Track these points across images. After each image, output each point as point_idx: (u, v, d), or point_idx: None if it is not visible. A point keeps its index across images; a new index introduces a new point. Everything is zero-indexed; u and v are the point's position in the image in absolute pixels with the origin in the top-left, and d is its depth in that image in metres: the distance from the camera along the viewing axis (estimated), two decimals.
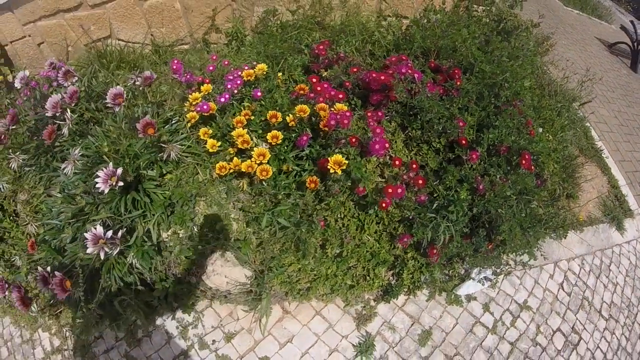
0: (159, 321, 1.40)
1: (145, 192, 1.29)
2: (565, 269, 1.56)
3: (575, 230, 1.56)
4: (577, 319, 1.48)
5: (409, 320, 1.37)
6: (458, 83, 1.51)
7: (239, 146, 1.27)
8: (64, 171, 1.22)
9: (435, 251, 1.33)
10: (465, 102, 1.46)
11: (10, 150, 1.65)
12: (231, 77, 1.56)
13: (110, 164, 1.10)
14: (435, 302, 1.42)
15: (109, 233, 1.12)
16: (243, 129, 1.30)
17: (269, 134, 1.28)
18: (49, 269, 1.16)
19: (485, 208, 1.35)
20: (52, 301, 1.57)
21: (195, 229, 1.39)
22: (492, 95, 1.48)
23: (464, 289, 1.44)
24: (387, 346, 1.32)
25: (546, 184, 1.47)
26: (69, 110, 1.30)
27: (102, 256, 1.10)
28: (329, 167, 1.18)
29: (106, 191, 1.10)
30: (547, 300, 1.49)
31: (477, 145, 1.41)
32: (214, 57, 1.62)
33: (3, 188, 1.53)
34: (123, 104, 1.28)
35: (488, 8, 1.74)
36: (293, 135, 1.36)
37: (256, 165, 1.23)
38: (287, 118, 1.32)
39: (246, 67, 1.55)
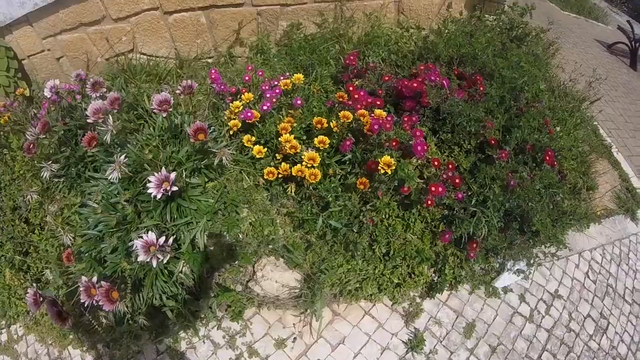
0: (203, 332, 1.44)
1: (189, 200, 1.36)
2: (589, 259, 1.73)
3: (594, 222, 1.75)
4: (604, 305, 1.65)
5: (453, 314, 1.49)
6: (481, 88, 1.69)
7: (288, 152, 1.37)
8: (110, 178, 1.26)
9: (475, 245, 1.47)
10: (490, 105, 1.63)
11: (36, 161, 1.69)
12: (266, 87, 1.67)
13: (163, 168, 1.16)
14: (475, 296, 1.55)
15: (162, 240, 1.13)
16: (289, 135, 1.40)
17: (316, 139, 1.40)
18: (95, 278, 1.13)
19: (517, 202, 1.50)
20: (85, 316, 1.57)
21: (241, 236, 1.46)
22: (512, 99, 1.67)
23: (501, 282, 1.58)
24: (435, 340, 1.42)
25: (566, 178, 1.66)
26: (111, 117, 1.35)
27: (154, 264, 1.13)
28: (379, 167, 1.30)
29: (159, 196, 1.14)
30: (575, 289, 1.65)
31: (505, 144, 1.58)
32: (250, 68, 1.73)
33: (31, 199, 1.55)
34: (170, 110, 1.35)
35: (499, 17, 1.96)
36: (334, 140, 1.47)
37: (306, 169, 1.33)
38: (331, 124, 1.44)
39: (282, 77, 1.67)
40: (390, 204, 1.44)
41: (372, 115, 1.49)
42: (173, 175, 1.18)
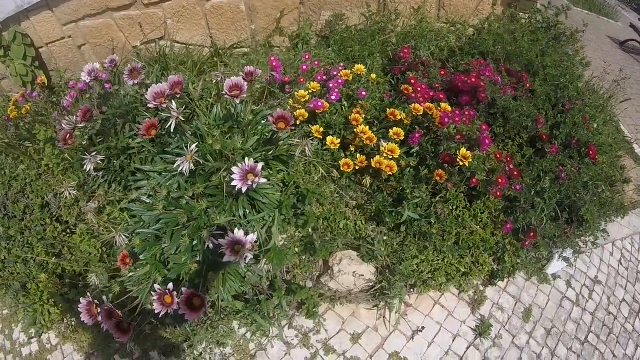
0: (274, 332, 1.47)
1: (261, 194, 1.38)
2: (621, 247, 2.00)
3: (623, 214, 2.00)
4: (635, 290, 1.91)
5: (513, 300, 1.66)
6: (527, 85, 1.87)
7: (365, 143, 1.44)
8: (180, 169, 1.22)
9: (532, 234, 1.64)
10: (538, 102, 1.81)
11: (68, 154, 1.62)
12: (322, 77, 1.73)
13: (250, 159, 1.15)
14: (530, 283, 1.73)
15: (251, 237, 1.06)
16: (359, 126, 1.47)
17: (391, 130, 1.49)
18: (170, 285, 1.05)
19: (566, 194, 1.69)
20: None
21: (310, 230, 1.51)
22: (557, 96, 1.86)
23: (551, 269, 1.78)
24: (499, 325, 1.58)
25: (604, 171, 1.89)
26: (174, 102, 1.26)
27: (242, 265, 1.10)
28: (458, 160, 1.41)
29: (244, 189, 1.11)
30: (611, 275, 1.89)
31: (554, 139, 1.77)
32: (307, 57, 1.77)
33: (68, 195, 1.48)
34: (243, 96, 1.31)
35: (533, 15, 2.16)
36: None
37: (385, 160, 1.41)
38: (402, 116, 1.54)
39: (341, 67, 1.73)
40: (458, 196, 1.56)
41: (438, 109, 1.60)
42: (260, 166, 1.16)
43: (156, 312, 1.03)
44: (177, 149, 1.46)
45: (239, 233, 1.07)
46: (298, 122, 1.56)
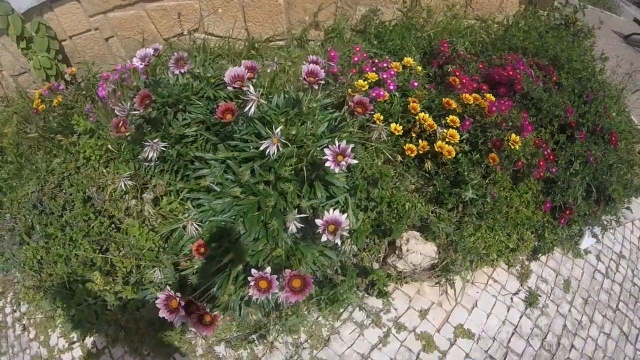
0: (345, 315, 1.64)
1: (334, 177, 1.55)
2: (639, 226, 2.32)
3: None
4: None
5: (553, 273, 1.93)
6: (554, 78, 2.16)
7: (426, 129, 1.66)
8: (269, 152, 1.30)
9: (568, 212, 1.91)
10: (565, 93, 2.10)
11: (114, 143, 1.71)
12: (369, 68, 1.93)
13: (344, 141, 1.29)
14: (566, 257, 2.01)
15: (343, 217, 1.14)
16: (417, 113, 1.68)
17: (448, 118, 1.71)
18: (268, 269, 1.07)
19: (594, 175, 1.99)
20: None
21: (375, 213, 1.71)
22: (581, 87, 2.17)
23: (583, 244, 2.07)
24: (544, 296, 1.84)
25: (623, 156, 2.20)
26: (251, 85, 1.29)
27: (339, 242, 1.21)
28: (509, 144, 1.66)
29: (337, 170, 1.25)
30: (633, 250, 2.22)
31: (581, 127, 2.06)
32: (358, 49, 1.97)
33: (125, 186, 1.56)
34: (320, 82, 1.42)
35: (552, 13, 2.47)
36: None
37: (446, 145, 1.63)
38: (455, 105, 1.77)
39: (389, 60, 1.94)
40: (505, 178, 1.81)
41: (483, 99, 1.84)
42: (350, 147, 1.29)
43: (253, 298, 1.07)
44: (246, 135, 1.58)
45: (335, 213, 1.20)
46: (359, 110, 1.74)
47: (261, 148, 1.27)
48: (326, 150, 1.25)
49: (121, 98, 1.86)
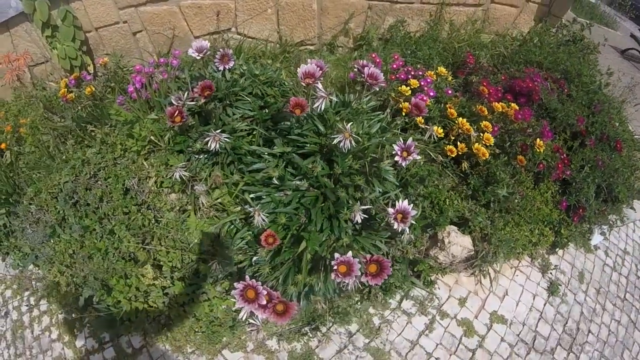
0: (393, 305, 1.89)
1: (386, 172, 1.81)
2: None
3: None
4: None
5: (569, 266, 2.27)
6: (566, 91, 2.54)
7: (464, 132, 1.96)
8: (341, 145, 1.40)
9: (581, 211, 2.26)
10: (576, 104, 2.48)
11: (157, 134, 1.82)
12: (404, 75, 2.23)
13: (410, 139, 1.57)
14: (579, 252, 2.36)
15: (409, 207, 1.39)
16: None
17: (481, 123, 2.02)
18: (350, 253, 1.22)
19: (602, 178, 2.35)
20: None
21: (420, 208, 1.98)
22: (589, 99, 2.55)
23: (593, 241, 2.42)
24: (563, 286, 2.17)
25: (626, 161, 2.60)
26: (320, 83, 1.45)
27: (407, 231, 1.49)
28: (536, 148, 1.99)
29: (404, 164, 1.53)
30: (636, 247, 2.60)
31: (590, 134, 2.43)
32: (396, 57, 2.27)
33: (181, 177, 1.66)
34: (381, 84, 1.66)
35: (561, 30, 2.88)
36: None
37: (482, 147, 1.94)
38: (486, 112, 2.09)
39: (424, 69, 2.25)
40: (528, 178, 2.14)
41: (509, 107, 2.18)
42: (414, 144, 1.52)
43: (337, 282, 1.22)
44: (306, 131, 1.80)
45: (404, 203, 1.47)
46: (404, 113, 2.03)
47: (335, 142, 1.43)
48: (395, 147, 1.50)
49: (161, 90, 2.04)
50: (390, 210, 1.41)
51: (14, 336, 2.19)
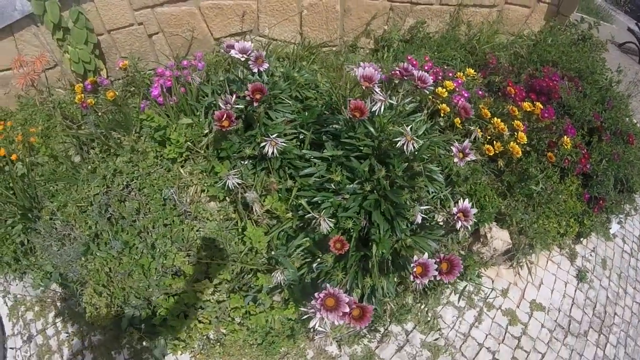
0: (443, 300, 2.08)
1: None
2: None
3: None
4: None
5: (593, 253, 2.55)
6: (580, 88, 2.82)
7: (499, 131, 2.17)
8: (406, 148, 1.52)
9: (602, 202, 2.53)
10: (591, 101, 2.76)
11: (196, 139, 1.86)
12: (434, 77, 2.42)
13: (466, 141, 1.76)
14: (600, 241, 2.65)
15: (468, 205, 1.69)
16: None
17: (514, 122, 2.24)
18: (426, 255, 1.40)
19: (618, 170, 2.64)
20: None
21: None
22: (601, 96, 2.84)
23: (612, 230, 2.71)
24: (589, 273, 2.44)
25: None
26: (376, 87, 1.61)
27: (468, 226, 1.69)
28: (563, 143, 2.23)
29: (462, 164, 1.73)
30: None
31: (606, 130, 2.72)
32: (427, 58, 2.45)
33: (234, 186, 1.69)
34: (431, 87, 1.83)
35: (569, 29, 3.16)
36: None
37: (516, 146, 2.16)
38: (517, 112, 2.31)
39: (453, 70, 2.45)
40: (555, 173, 2.38)
41: (533, 106, 2.42)
42: (470, 146, 1.70)
43: (417, 282, 1.37)
44: (359, 134, 1.92)
45: (465, 203, 1.65)
46: (442, 115, 2.22)
47: (398, 145, 1.56)
48: (453, 148, 1.67)
49: (192, 93, 2.09)
50: (454, 209, 1.59)
51: None
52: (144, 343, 1.99)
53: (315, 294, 1.22)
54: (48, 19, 2.34)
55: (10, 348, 2.28)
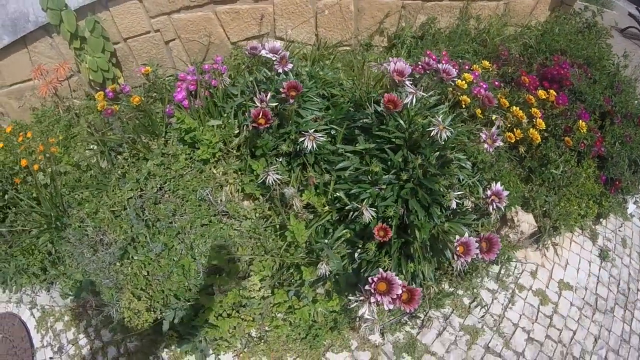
0: (475, 282, 2.21)
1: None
2: None
3: None
4: None
5: (613, 233, 2.72)
6: (589, 75, 2.98)
7: (519, 119, 2.32)
8: (439, 136, 1.83)
9: (618, 183, 2.69)
10: (601, 87, 2.92)
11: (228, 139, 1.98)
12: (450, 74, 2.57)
13: (494, 127, 1.91)
14: (618, 221, 2.81)
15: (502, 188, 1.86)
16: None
17: (531, 110, 2.39)
18: (466, 235, 1.56)
19: (631, 152, 2.81)
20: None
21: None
22: (609, 81, 3.01)
23: (629, 210, 2.87)
24: (611, 252, 2.59)
25: None
26: (407, 82, 1.83)
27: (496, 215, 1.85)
28: (579, 128, 2.38)
29: (491, 150, 1.87)
30: None
31: (617, 113, 2.88)
32: (445, 53, 2.60)
33: (274, 181, 1.79)
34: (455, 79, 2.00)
35: (574, 17, 3.34)
36: None
37: (535, 132, 2.31)
38: (533, 100, 2.46)
39: (469, 63, 2.61)
40: (573, 157, 2.54)
41: (548, 93, 2.58)
42: (497, 132, 1.87)
43: (461, 260, 1.52)
44: (390, 127, 2.05)
45: (497, 186, 1.80)
46: (464, 106, 2.36)
47: (432, 134, 1.74)
48: (482, 135, 1.81)
49: (217, 96, 2.20)
50: (488, 192, 1.73)
51: None
52: (184, 346, 2.02)
53: (369, 279, 1.34)
54: (65, 28, 2.41)
55: None
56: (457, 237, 1.58)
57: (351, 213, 1.88)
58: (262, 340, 2.07)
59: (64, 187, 2.33)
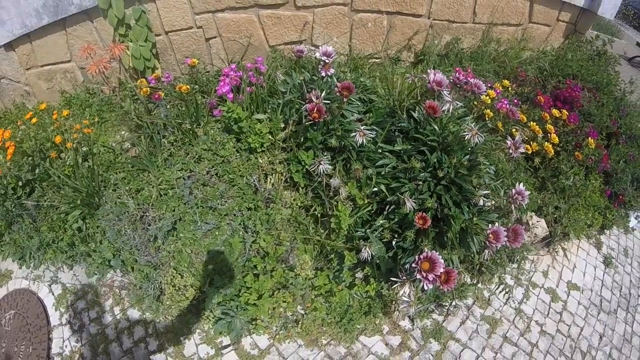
0: (495, 279, 2.60)
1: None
2: None
3: None
4: None
5: (616, 243, 3.15)
6: (597, 98, 3.47)
7: (536, 133, 2.76)
8: (473, 142, 2.35)
9: (621, 197, 3.14)
10: (608, 110, 3.41)
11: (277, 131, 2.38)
12: (471, 88, 3.02)
13: (518, 135, 2.36)
14: (620, 232, 3.24)
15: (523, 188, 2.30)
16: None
17: (547, 125, 2.84)
18: (497, 224, 2.26)
19: (634, 170, 3.27)
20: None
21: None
22: (616, 105, 3.50)
23: (631, 224, 3.32)
24: (614, 260, 3.00)
25: None
26: (445, 90, 2.36)
27: (517, 213, 2.32)
28: (588, 144, 2.83)
29: (515, 156, 2.30)
30: None
31: (622, 134, 3.36)
32: (469, 70, 3.05)
33: (324, 171, 2.19)
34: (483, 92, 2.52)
35: (585, 45, 3.85)
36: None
37: (550, 145, 2.75)
38: (548, 117, 2.92)
39: (491, 82, 3.06)
40: (581, 171, 2.98)
41: (561, 113, 3.04)
42: (521, 139, 2.30)
43: (493, 245, 1.92)
44: (427, 131, 2.47)
45: (520, 186, 2.21)
46: (487, 118, 2.79)
47: (466, 138, 2.18)
48: (507, 141, 2.23)
49: (258, 94, 2.56)
50: (513, 191, 2.14)
51: (94, 352, 2.21)
52: (219, 326, 2.08)
53: (416, 257, 1.69)
54: (113, 13, 2.63)
55: (56, 338, 2.32)
56: (490, 225, 1.98)
57: (389, 206, 2.27)
58: (298, 323, 2.32)
59: (100, 167, 2.48)
